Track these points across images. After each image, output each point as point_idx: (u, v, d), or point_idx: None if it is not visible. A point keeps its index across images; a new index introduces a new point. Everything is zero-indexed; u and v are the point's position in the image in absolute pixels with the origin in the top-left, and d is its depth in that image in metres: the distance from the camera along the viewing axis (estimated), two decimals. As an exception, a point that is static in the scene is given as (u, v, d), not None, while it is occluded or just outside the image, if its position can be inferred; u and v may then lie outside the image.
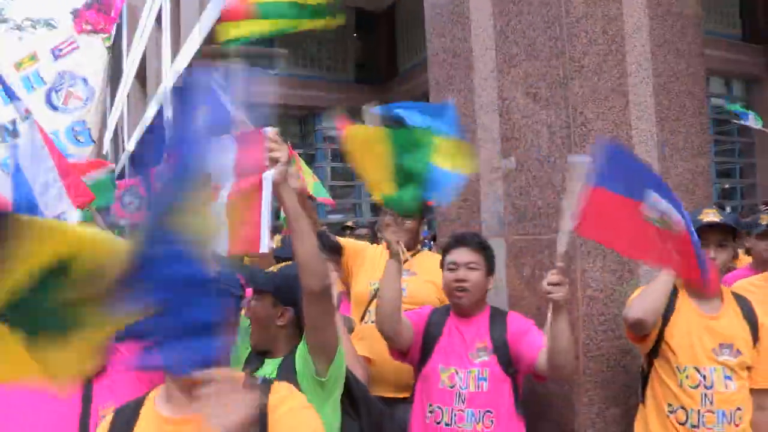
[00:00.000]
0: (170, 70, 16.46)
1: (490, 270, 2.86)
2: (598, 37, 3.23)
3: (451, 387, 2.70)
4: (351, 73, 14.15)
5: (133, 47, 25.52)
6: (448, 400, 2.69)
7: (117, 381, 2.01)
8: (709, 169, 3.58)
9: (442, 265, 2.89)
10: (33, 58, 4.46)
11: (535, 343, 2.65)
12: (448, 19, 3.98)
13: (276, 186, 2.15)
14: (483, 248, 2.86)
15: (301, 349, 2.25)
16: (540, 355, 2.61)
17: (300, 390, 2.12)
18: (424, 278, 3.38)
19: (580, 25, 3.20)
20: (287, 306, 2.31)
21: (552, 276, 2.38)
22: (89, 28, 4.52)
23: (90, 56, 4.45)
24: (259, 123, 2.65)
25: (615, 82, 3.22)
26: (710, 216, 2.72)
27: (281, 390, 1.65)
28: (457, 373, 2.71)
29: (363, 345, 3.28)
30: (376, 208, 8.97)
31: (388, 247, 2.65)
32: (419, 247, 3.67)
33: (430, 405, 2.74)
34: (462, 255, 2.82)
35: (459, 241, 2.88)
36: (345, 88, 13.42)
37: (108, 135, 21.86)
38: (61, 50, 4.45)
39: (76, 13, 4.62)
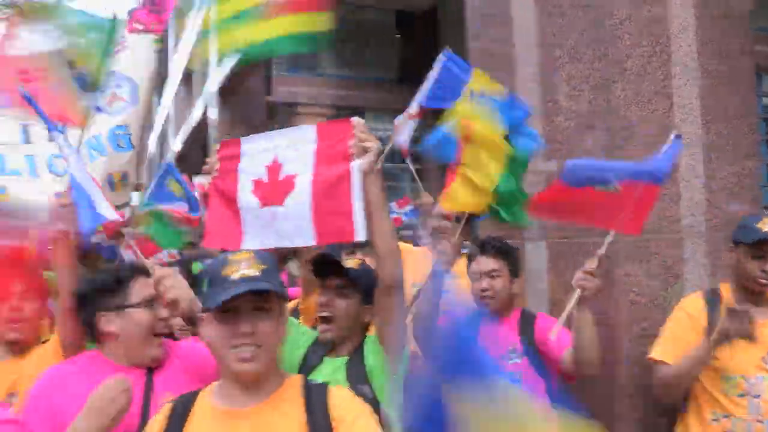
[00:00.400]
0: (215, 71, 16.72)
1: (514, 273, 2.86)
2: (642, 39, 3.19)
3: None
4: (394, 72, 14.15)
5: (180, 47, 25.96)
6: None
7: (174, 374, 2.09)
8: (758, 172, 3.51)
9: (469, 275, 2.91)
10: (85, 56, 4.46)
11: (562, 341, 2.63)
12: (490, 21, 3.97)
13: (364, 175, 2.20)
14: (504, 253, 2.87)
15: (373, 346, 2.29)
16: (566, 353, 2.60)
17: (371, 387, 2.18)
18: (462, 284, 3.39)
19: (624, 27, 3.17)
20: (370, 304, 2.35)
21: (589, 263, 2.38)
22: (140, 27, 4.48)
23: (138, 57, 4.39)
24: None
25: (659, 84, 3.18)
26: None
27: (339, 392, 1.67)
28: None
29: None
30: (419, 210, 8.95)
31: (437, 252, 2.66)
32: (460, 251, 3.68)
33: None
34: (483, 264, 2.85)
35: (480, 249, 2.91)
36: (388, 88, 13.44)
37: (154, 135, 22.30)
38: (114, 47, 4.38)
39: (130, 13, 4.62)
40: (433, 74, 3.81)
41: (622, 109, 3.11)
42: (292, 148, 2.45)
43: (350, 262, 2.56)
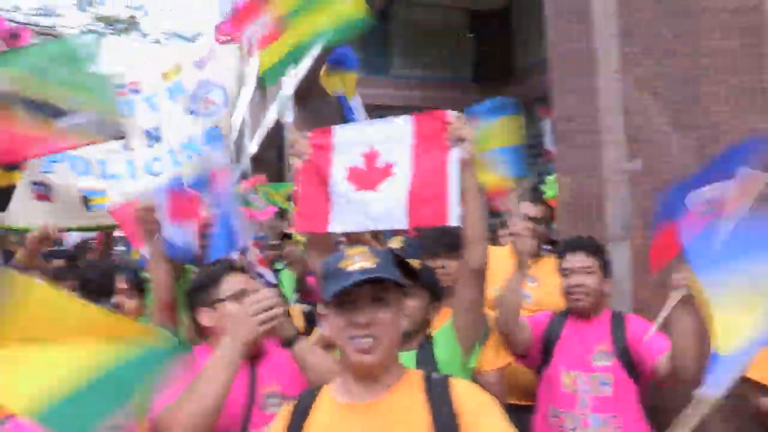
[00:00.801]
0: (289, 74, 17.00)
1: (606, 273, 2.83)
2: (731, 32, 3.06)
3: (574, 391, 2.68)
4: (468, 72, 14.08)
5: (252, 50, 26.53)
6: (570, 404, 2.67)
7: (277, 365, 2.19)
8: None
9: (559, 271, 2.88)
10: (178, 69, 4.81)
11: (656, 346, 2.58)
12: (569, 18, 3.90)
13: (463, 164, 2.35)
14: (597, 252, 2.84)
15: (445, 337, 2.34)
16: (662, 358, 2.53)
17: None
18: (549, 285, 3.32)
19: (712, 20, 3.05)
20: (437, 301, 2.43)
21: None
22: (227, 39, 4.80)
23: (226, 64, 4.74)
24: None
25: (752, 78, 3.05)
26: None
27: (461, 385, 1.64)
28: (579, 376, 2.69)
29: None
30: (493, 212, 8.86)
31: (517, 254, 2.65)
32: (540, 252, 3.64)
33: (554, 409, 2.73)
34: (577, 260, 2.82)
35: (573, 246, 2.89)
36: (462, 88, 13.38)
37: (232, 137, 22.91)
38: (202, 61, 4.76)
39: (217, 27, 4.95)
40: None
41: (711, 106, 3.00)
42: (389, 138, 2.59)
43: (394, 242, 2.69)
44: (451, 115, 2.45)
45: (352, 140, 2.64)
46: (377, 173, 2.55)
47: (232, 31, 4.73)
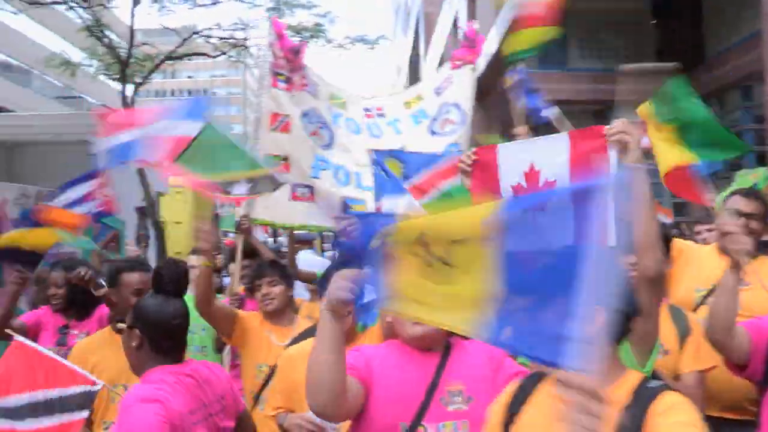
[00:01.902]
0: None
1: None
2: None
3: None
4: (650, 62, 13.46)
5: (429, 53, 27.01)
6: None
7: (466, 363, 2.23)
8: None
9: None
10: (419, 98, 5.42)
11: None
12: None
13: (636, 170, 2.27)
14: None
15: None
16: None
17: None
18: (760, 288, 3.07)
19: None
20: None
21: None
22: (460, 63, 5.39)
23: (462, 85, 5.29)
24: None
25: None
26: None
27: (671, 399, 1.61)
28: None
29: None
30: (680, 208, 8.46)
31: (733, 257, 2.43)
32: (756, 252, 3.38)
33: None
34: None
35: None
36: (644, 80, 12.85)
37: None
38: (441, 88, 5.31)
39: (451, 56, 5.65)
40: None
41: None
42: (547, 156, 2.58)
43: None
44: (610, 127, 2.38)
45: (514, 158, 2.66)
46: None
47: (465, 56, 5.35)
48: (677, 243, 3.46)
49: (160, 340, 2.39)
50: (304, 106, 5.07)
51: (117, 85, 16.03)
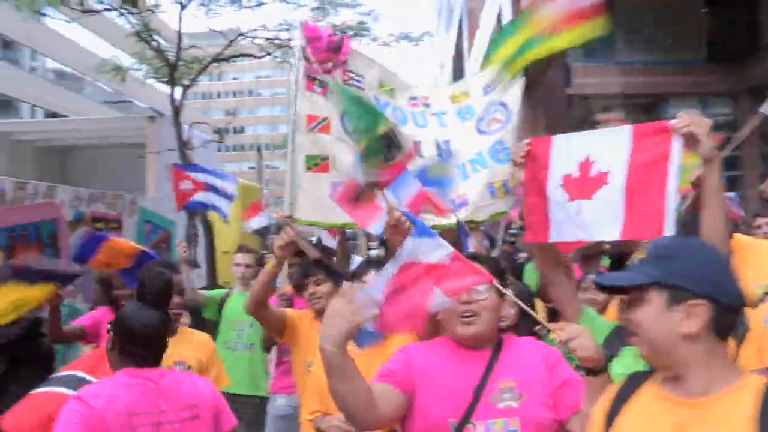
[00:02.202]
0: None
1: None
2: None
3: None
4: (701, 53, 13.07)
5: (473, 50, 26.84)
6: None
7: (517, 359, 2.20)
8: None
9: None
10: (466, 94, 5.38)
11: None
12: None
13: (705, 162, 2.25)
14: None
15: None
16: None
17: None
18: None
19: None
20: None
21: None
22: None
23: (509, 84, 5.22)
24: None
25: None
26: None
27: None
28: None
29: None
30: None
31: None
32: None
33: None
34: None
35: None
36: (694, 71, 12.49)
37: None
38: (489, 87, 5.27)
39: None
40: None
41: None
42: (606, 147, 2.54)
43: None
44: (677, 120, 2.33)
45: (570, 149, 2.62)
46: (591, 182, 2.51)
47: None
48: (736, 237, 3.42)
49: (127, 345, 2.50)
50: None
51: (165, 88, 16.35)
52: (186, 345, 3.50)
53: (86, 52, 33.53)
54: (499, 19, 19.64)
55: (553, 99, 12.01)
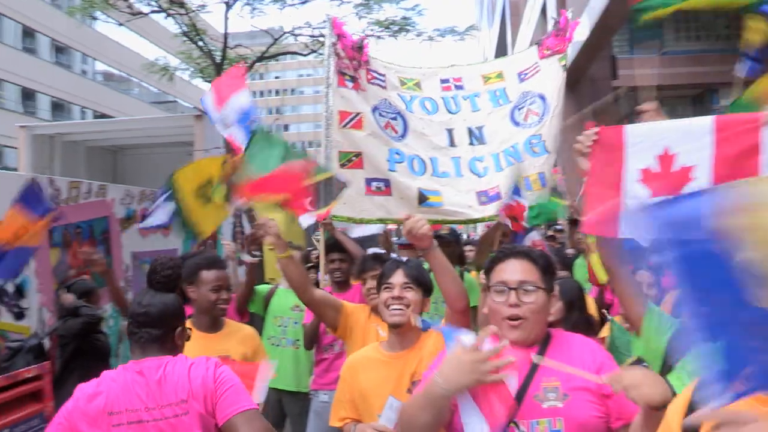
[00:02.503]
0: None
1: None
2: None
3: None
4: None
5: (518, 41, 26.55)
6: None
7: (566, 355, 2.14)
8: None
9: None
10: (500, 76, 5.27)
11: None
12: None
13: None
14: None
15: None
16: None
17: None
18: None
19: None
20: None
21: None
22: (549, 52, 5.18)
23: (549, 76, 5.09)
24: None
25: None
26: None
27: None
28: None
29: None
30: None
31: None
32: None
33: None
34: None
35: None
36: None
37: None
38: (526, 74, 5.17)
39: (539, 42, 5.39)
40: None
41: None
42: (686, 139, 2.41)
43: None
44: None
45: (645, 140, 2.48)
46: (674, 178, 2.38)
47: (555, 45, 5.12)
48: None
49: (130, 329, 2.48)
50: (374, 100, 5.05)
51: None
52: (231, 339, 3.50)
53: (133, 54, 34.30)
54: (544, 11, 19.38)
55: (598, 91, 11.81)
